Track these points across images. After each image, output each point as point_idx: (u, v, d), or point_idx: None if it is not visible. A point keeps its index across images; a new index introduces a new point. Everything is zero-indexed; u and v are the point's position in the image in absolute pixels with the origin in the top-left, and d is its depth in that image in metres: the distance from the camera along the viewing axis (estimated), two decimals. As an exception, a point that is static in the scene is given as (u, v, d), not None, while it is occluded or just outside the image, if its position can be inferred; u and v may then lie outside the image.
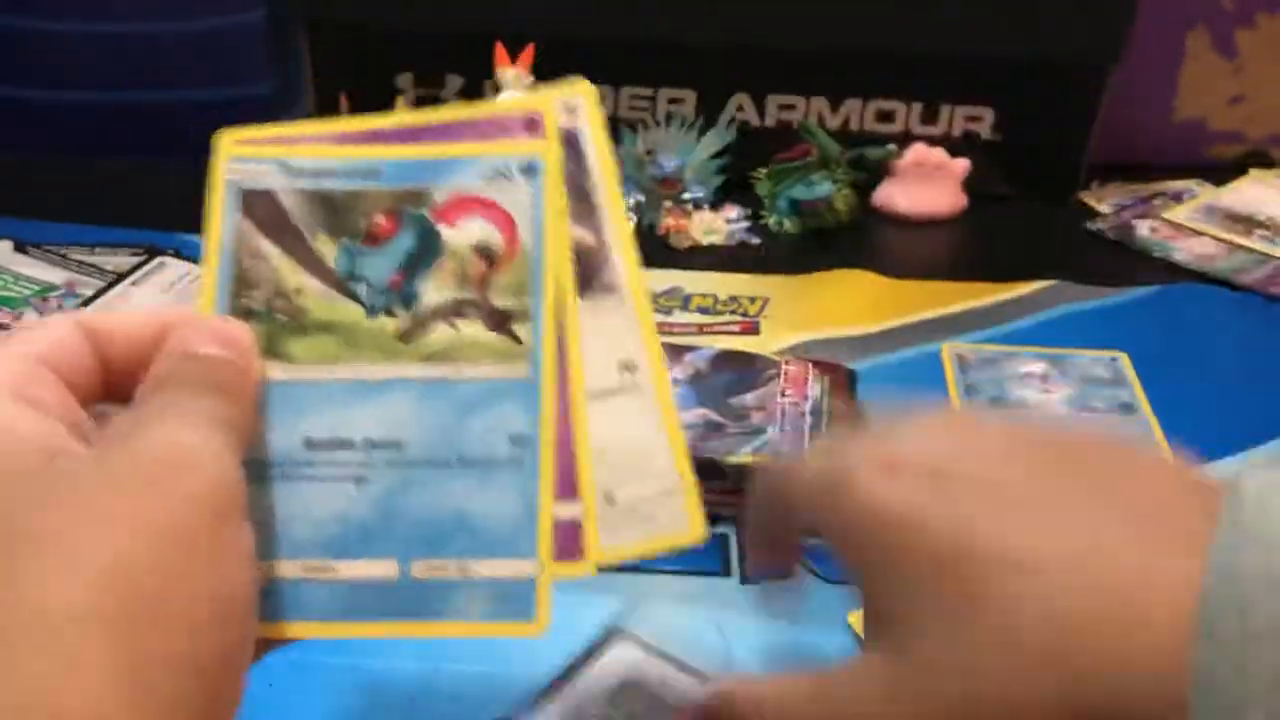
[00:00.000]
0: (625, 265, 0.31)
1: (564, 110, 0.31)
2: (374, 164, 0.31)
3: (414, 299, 0.30)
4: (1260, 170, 0.81)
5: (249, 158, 0.31)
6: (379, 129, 0.31)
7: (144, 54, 0.78)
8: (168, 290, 0.67)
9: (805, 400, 0.52)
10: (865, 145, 0.75)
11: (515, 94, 0.67)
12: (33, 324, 0.28)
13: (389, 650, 0.42)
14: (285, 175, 0.31)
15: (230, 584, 0.25)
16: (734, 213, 0.74)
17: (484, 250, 0.31)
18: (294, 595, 0.29)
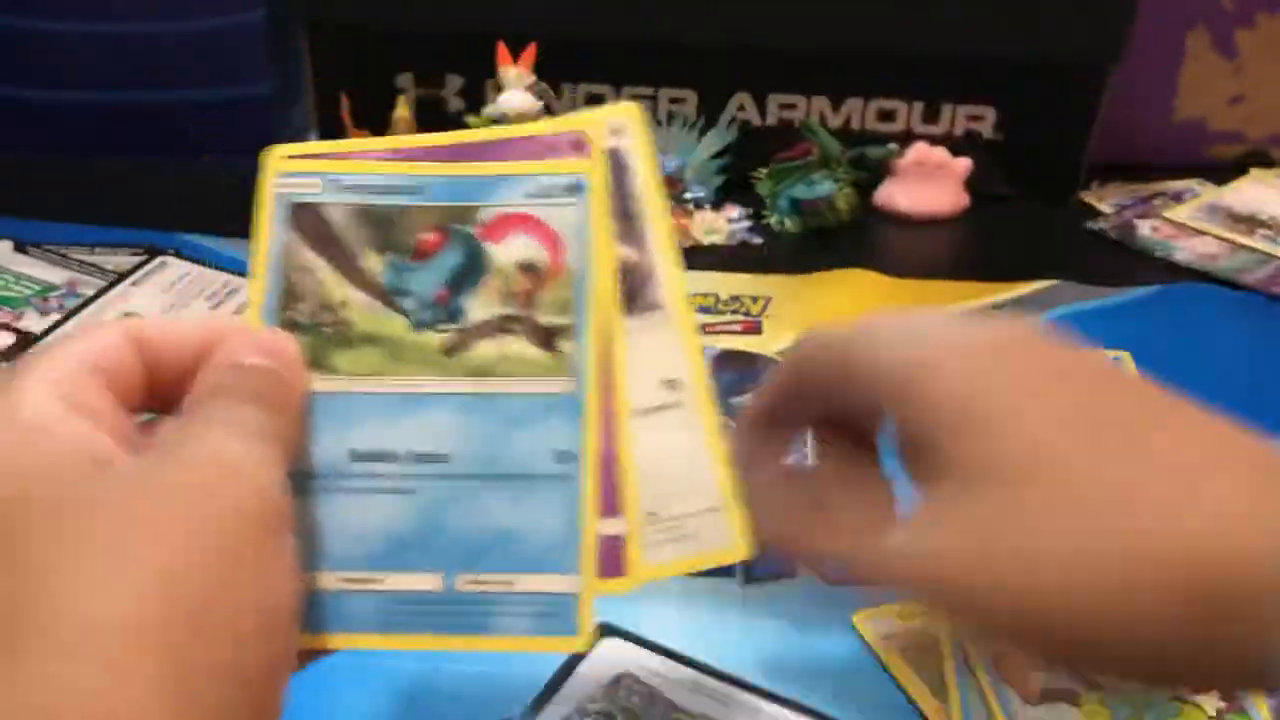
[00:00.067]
0: (670, 283, 0.31)
1: (610, 131, 0.32)
2: (421, 180, 0.31)
3: (459, 314, 0.31)
4: (1260, 170, 0.81)
5: (297, 172, 0.31)
6: (427, 146, 0.31)
7: (144, 54, 0.78)
8: (168, 290, 0.66)
9: (807, 400, 0.51)
10: (866, 144, 0.75)
11: (517, 94, 0.67)
12: (82, 330, 0.28)
13: (389, 649, 0.42)
14: (333, 190, 0.31)
15: (275, 595, 0.25)
16: (735, 212, 0.74)
17: (529, 267, 0.31)
18: (337, 607, 0.29)
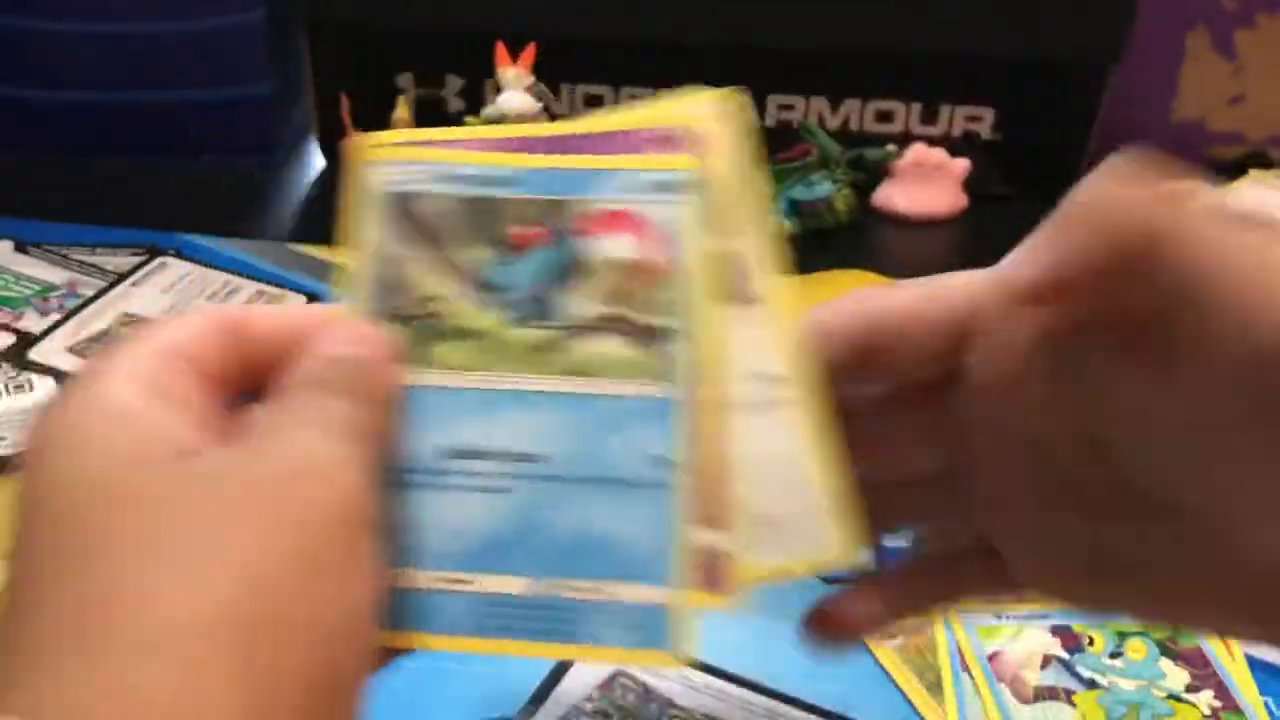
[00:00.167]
0: (768, 277, 0.30)
1: (711, 121, 0.30)
2: (519, 172, 0.30)
3: (555, 311, 0.29)
4: (1260, 170, 0.81)
5: (391, 161, 0.30)
6: (525, 137, 0.30)
7: (144, 54, 0.78)
8: (169, 290, 0.67)
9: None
10: (865, 145, 0.75)
11: (515, 95, 0.67)
12: (172, 317, 0.27)
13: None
14: (427, 181, 0.30)
15: (354, 597, 0.24)
16: (734, 213, 0.74)
17: (629, 265, 0.29)
18: (425, 606, 0.28)
